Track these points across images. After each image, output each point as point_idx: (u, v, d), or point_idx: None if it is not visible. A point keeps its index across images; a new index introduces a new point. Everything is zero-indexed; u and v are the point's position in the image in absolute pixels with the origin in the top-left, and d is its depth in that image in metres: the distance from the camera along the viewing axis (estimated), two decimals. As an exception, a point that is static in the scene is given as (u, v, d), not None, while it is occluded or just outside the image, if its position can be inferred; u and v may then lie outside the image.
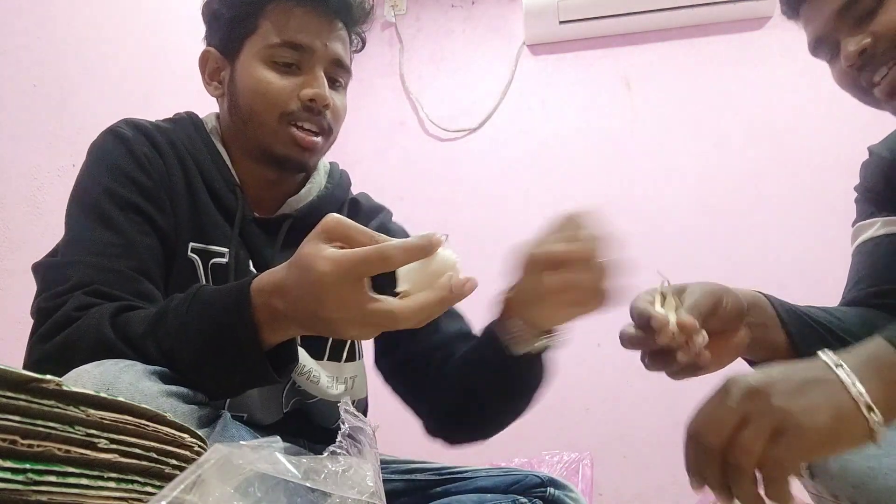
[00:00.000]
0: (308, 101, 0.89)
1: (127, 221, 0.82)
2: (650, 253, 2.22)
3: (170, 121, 0.98)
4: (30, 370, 0.70)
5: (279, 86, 0.89)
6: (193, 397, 0.68)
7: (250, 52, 0.91)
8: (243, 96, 0.92)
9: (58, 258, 0.83)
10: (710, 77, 2.32)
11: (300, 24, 0.90)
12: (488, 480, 0.95)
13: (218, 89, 0.97)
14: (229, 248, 0.90)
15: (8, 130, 1.32)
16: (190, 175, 0.91)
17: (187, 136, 0.94)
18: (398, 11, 2.65)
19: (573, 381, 2.16)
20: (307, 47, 0.90)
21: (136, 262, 0.80)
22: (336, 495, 0.45)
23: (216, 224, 0.90)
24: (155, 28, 1.75)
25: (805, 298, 0.92)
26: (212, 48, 0.97)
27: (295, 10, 0.90)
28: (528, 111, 2.47)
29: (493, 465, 1.70)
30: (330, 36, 0.92)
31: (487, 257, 2.52)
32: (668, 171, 2.29)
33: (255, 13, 0.91)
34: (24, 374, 0.41)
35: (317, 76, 0.90)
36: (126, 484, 0.45)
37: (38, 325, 0.76)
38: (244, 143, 0.94)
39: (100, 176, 0.86)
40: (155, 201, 0.86)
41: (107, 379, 0.63)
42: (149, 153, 0.88)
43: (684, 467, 0.61)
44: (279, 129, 0.90)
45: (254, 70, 0.90)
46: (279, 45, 0.89)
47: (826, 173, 2.12)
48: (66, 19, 1.47)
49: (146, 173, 0.86)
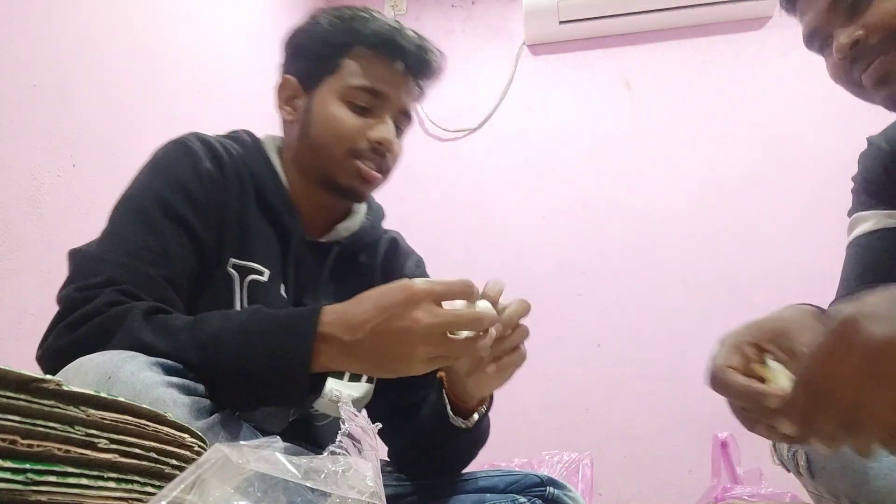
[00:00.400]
0: (376, 143, 0.96)
1: (170, 231, 0.85)
2: (650, 253, 2.23)
3: (232, 138, 1.01)
4: (52, 356, 0.72)
5: (351, 124, 0.96)
6: (194, 389, 0.69)
7: (329, 89, 0.97)
8: (315, 127, 0.97)
9: (94, 250, 0.84)
10: (710, 77, 2.32)
11: (379, 72, 0.97)
12: (488, 480, 0.96)
13: (291, 115, 1.02)
14: (277, 270, 0.94)
15: (8, 130, 1.32)
16: (246, 194, 0.95)
17: (249, 154, 0.98)
18: (398, 11, 2.65)
19: (573, 381, 2.16)
20: (383, 95, 0.97)
21: (167, 272, 0.82)
22: (336, 495, 0.45)
23: (263, 243, 0.94)
24: (155, 28, 1.74)
25: (804, 299, 0.91)
26: (291, 77, 1.02)
27: (377, 59, 0.97)
28: (528, 111, 2.47)
29: (492, 465, 1.70)
30: (403, 88, 0.99)
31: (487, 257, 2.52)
32: (668, 171, 2.29)
33: (339, 55, 0.97)
34: (25, 374, 0.41)
35: (386, 122, 0.97)
36: (126, 484, 0.45)
37: (64, 313, 0.76)
38: (307, 168, 0.99)
39: (156, 182, 0.89)
40: (204, 217, 0.88)
41: (109, 368, 0.64)
42: (211, 170, 0.91)
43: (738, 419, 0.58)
44: (345, 161, 0.96)
45: (330, 105, 0.96)
46: (358, 88, 0.96)
47: (826, 173, 2.12)
48: (66, 19, 1.47)
49: (203, 189, 0.89)
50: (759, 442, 0.97)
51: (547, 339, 2.12)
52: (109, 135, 1.57)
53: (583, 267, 2.27)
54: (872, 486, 0.70)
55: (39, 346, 0.77)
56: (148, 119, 1.69)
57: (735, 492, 1.56)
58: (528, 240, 2.33)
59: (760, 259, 2.13)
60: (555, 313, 2.22)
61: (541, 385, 2.09)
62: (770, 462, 0.93)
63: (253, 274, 0.92)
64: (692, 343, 2.01)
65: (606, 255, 2.25)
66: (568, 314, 2.22)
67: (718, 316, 2.05)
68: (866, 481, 0.71)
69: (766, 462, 0.99)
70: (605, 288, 2.23)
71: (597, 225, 2.29)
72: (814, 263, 2.03)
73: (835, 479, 0.75)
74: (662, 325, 2.13)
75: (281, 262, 0.95)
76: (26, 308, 1.33)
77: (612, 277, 2.23)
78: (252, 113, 2.15)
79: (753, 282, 2.11)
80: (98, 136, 1.53)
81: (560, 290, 2.25)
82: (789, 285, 2.05)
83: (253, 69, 2.17)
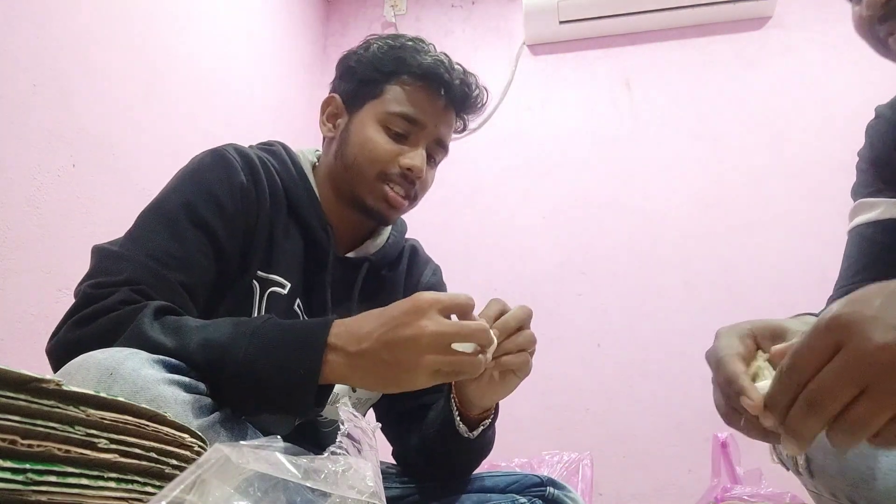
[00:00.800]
0: (406, 170, 0.98)
1: (194, 239, 0.86)
2: (650, 253, 2.23)
3: (267, 150, 1.02)
4: (62, 349, 0.72)
5: (385, 148, 0.98)
6: (195, 387, 0.69)
7: (370, 112, 1.00)
8: (352, 147, 0.99)
9: (116, 248, 0.84)
10: (710, 77, 2.32)
11: (419, 102, 0.99)
12: (488, 481, 0.96)
13: (331, 132, 1.04)
14: (297, 283, 0.96)
15: (8, 130, 1.32)
16: (278, 207, 0.96)
17: (285, 169, 1.00)
18: (398, 11, 2.65)
19: (573, 381, 2.16)
20: (420, 123, 0.99)
21: (186, 278, 0.83)
22: (336, 495, 0.45)
23: (288, 257, 0.96)
24: (155, 28, 1.74)
25: (805, 299, 0.92)
26: (337, 95, 1.05)
27: (419, 89, 0.99)
28: (528, 111, 2.47)
29: (493, 465, 1.70)
30: (442, 119, 1.02)
31: (487, 257, 2.52)
32: (668, 171, 2.28)
33: (384, 81, 1.00)
34: (25, 374, 0.41)
35: (419, 151, 0.99)
36: (126, 484, 0.45)
37: (78, 308, 0.77)
38: (340, 185, 1.01)
39: (188, 188, 0.89)
40: (231, 227, 0.89)
41: (111, 364, 0.64)
42: (245, 182, 0.92)
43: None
44: (375, 184, 0.98)
45: (368, 128, 0.99)
46: (396, 115, 0.98)
47: (826, 173, 2.12)
48: (67, 20, 1.47)
49: (233, 199, 0.90)
50: (759, 442, 0.97)
51: (547, 339, 2.11)
52: (109, 135, 1.57)
53: (583, 267, 2.27)
54: (872, 486, 0.70)
55: (50, 338, 0.77)
56: (148, 119, 1.69)
57: (735, 492, 1.56)
58: (528, 240, 2.33)
59: (760, 259, 2.13)
60: (555, 313, 2.22)
61: (541, 385, 2.09)
62: (770, 462, 0.93)
63: (274, 286, 0.93)
64: (692, 343, 2.01)
65: (606, 255, 2.25)
66: (568, 314, 2.22)
67: (718, 316, 2.04)
68: (866, 480, 0.70)
69: (766, 462, 0.99)
70: (605, 288, 2.23)
71: (597, 225, 2.29)
72: (813, 263, 2.03)
73: (834, 479, 0.75)
74: (662, 325, 2.13)
75: (303, 276, 0.97)
76: (26, 308, 1.33)
77: (612, 277, 2.23)
78: (252, 113, 2.15)
79: (753, 282, 2.11)
80: (98, 136, 1.53)
81: (560, 290, 2.25)
82: (789, 285, 2.05)
83: (253, 70, 2.18)
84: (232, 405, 0.73)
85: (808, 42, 2.23)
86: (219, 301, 0.89)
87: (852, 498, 0.73)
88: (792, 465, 0.85)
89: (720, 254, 2.17)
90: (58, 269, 1.41)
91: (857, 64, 2.13)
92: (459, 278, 2.40)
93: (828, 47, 2.20)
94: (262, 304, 0.92)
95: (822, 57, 2.20)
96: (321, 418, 0.97)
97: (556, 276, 2.27)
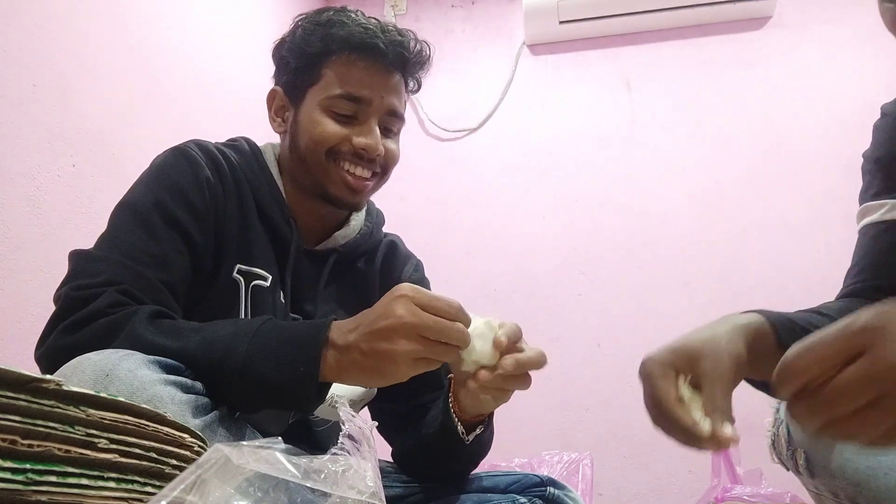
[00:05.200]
0: (361, 150, 0.95)
1: (168, 236, 0.85)
2: (650, 253, 2.23)
3: (231, 146, 1.01)
4: (53, 356, 0.72)
5: (332, 130, 0.95)
6: (192, 387, 0.69)
7: (313, 100, 0.97)
8: (302, 138, 0.97)
9: (93, 251, 0.84)
10: (710, 77, 2.32)
11: (359, 77, 0.95)
12: (488, 481, 0.96)
13: (281, 126, 1.02)
14: (275, 276, 0.95)
15: (8, 130, 1.32)
16: (245, 201, 0.95)
17: (247, 163, 0.99)
18: (398, 11, 2.65)
19: (573, 381, 2.16)
20: (365, 100, 0.95)
21: (165, 276, 0.83)
22: (336, 495, 0.45)
23: (263, 250, 0.95)
24: (155, 28, 1.74)
25: (805, 299, 0.91)
26: (279, 88, 1.02)
27: (355, 64, 0.95)
28: (528, 111, 2.47)
29: (493, 465, 1.70)
30: (386, 88, 0.97)
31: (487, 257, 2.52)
32: (668, 171, 2.28)
33: (318, 64, 0.96)
34: (25, 374, 0.41)
35: (371, 127, 0.96)
36: (126, 484, 0.45)
37: (63, 313, 0.77)
38: (301, 178, 0.99)
39: (156, 188, 0.89)
40: (203, 224, 0.89)
41: (106, 366, 0.64)
42: (210, 177, 0.91)
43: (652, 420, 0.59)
44: (329, 167, 0.95)
45: (314, 116, 0.96)
46: (339, 96, 0.95)
47: (826, 173, 2.12)
48: (66, 20, 1.47)
49: (202, 195, 0.90)
50: (759, 442, 0.97)
51: (547, 339, 2.12)
52: (109, 135, 1.57)
53: (583, 267, 2.27)
54: (872, 485, 0.70)
55: (38, 345, 0.77)
56: (148, 119, 1.69)
57: (735, 492, 1.56)
58: (528, 240, 2.33)
59: (760, 258, 2.13)
60: (555, 313, 2.22)
61: (541, 385, 2.08)
62: (770, 462, 0.93)
63: (257, 280, 0.93)
64: (692, 343, 2.01)
65: (606, 255, 2.25)
66: (568, 314, 2.22)
67: (718, 316, 2.05)
68: (866, 480, 0.70)
69: (766, 462, 0.99)
70: (605, 288, 2.23)
71: (597, 225, 2.29)
72: (814, 264, 2.03)
73: (834, 478, 0.75)
74: (662, 325, 2.13)
75: (278, 270, 0.96)
76: (26, 308, 1.33)
77: (612, 277, 2.23)
78: (251, 113, 2.15)
79: (753, 282, 2.11)
80: (98, 136, 1.53)
81: (560, 290, 2.25)
82: (789, 285, 2.05)
83: (252, 69, 2.17)
84: (232, 402, 0.73)
85: (808, 42, 2.23)
86: (199, 298, 0.89)
87: (853, 497, 0.73)
88: (792, 464, 0.85)
89: (720, 253, 2.17)
90: (58, 269, 1.40)
91: (858, 64, 2.13)
92: (459, 278, 2.41)
93: (828, 47, 2.20)
94: (247, 299, 0.91)
95: (822, 57, 2.20)
96: (314, 418, 0.97)
97: (556, 276, 2.27)
